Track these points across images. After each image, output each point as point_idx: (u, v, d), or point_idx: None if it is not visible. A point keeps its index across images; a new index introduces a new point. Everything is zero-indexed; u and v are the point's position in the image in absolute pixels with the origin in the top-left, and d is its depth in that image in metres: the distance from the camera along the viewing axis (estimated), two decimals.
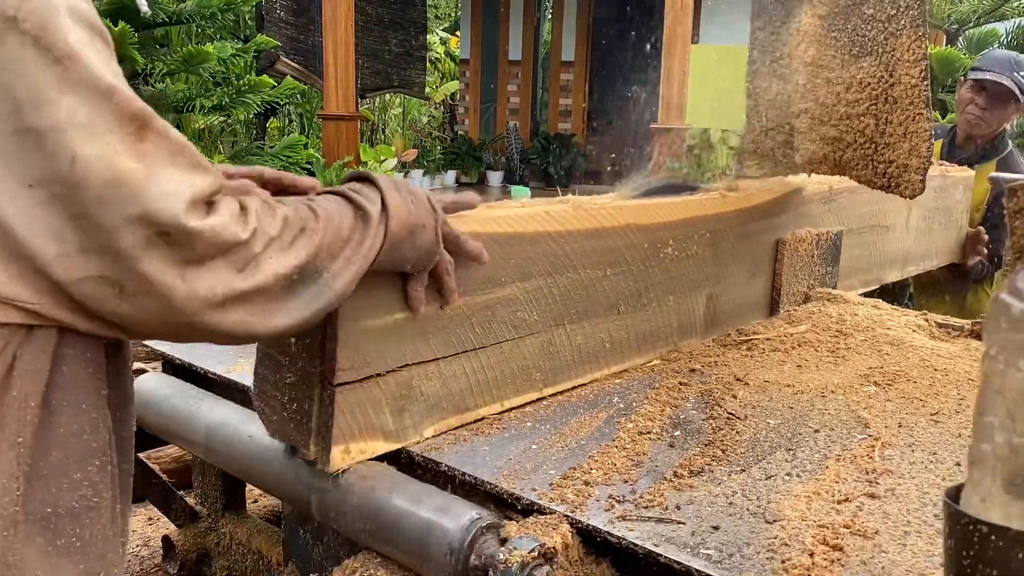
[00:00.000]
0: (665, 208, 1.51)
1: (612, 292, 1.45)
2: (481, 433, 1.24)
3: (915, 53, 1.72)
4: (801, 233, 1.92)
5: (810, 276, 1.97)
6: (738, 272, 1.73)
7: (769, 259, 1.83)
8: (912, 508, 1.03)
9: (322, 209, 0.90)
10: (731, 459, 1.16)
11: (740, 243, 1.71)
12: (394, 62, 10.35)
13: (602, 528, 0.98)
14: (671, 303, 1.58)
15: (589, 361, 1.44)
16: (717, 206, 1.63)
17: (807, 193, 1.92)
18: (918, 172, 1.77)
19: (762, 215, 1.76)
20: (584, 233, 1.37)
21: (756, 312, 1.86)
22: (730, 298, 1.72)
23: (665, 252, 1.52)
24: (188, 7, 5.40)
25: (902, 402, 1.39)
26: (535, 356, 1.34)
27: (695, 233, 1.58)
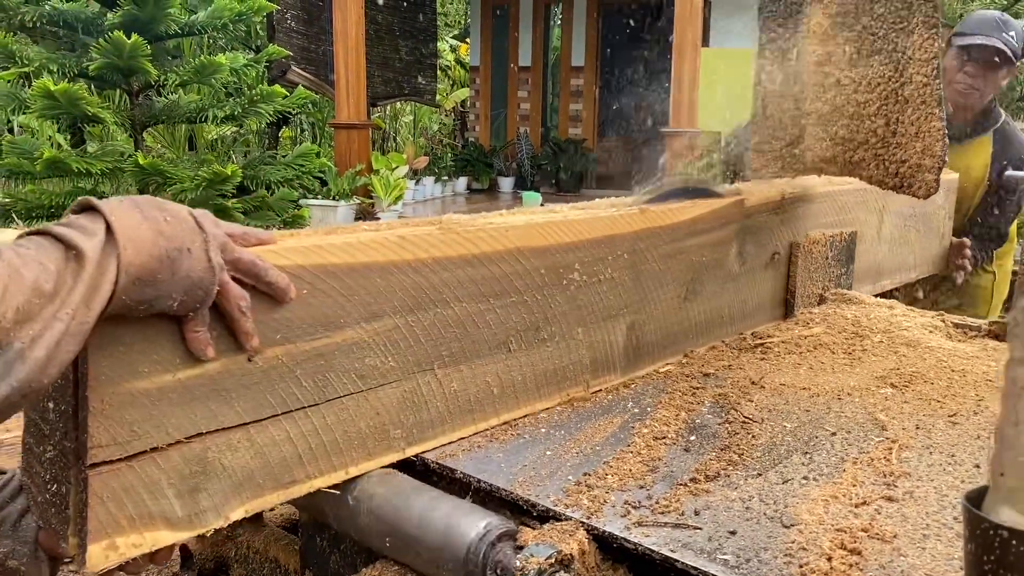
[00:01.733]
0: (568, 227, 1.32)
1: (500, 327, 1.24)
2: (496, 440, 1.24)
3: (927, 52, 1.71)
4: (815, 235, 1.91)
5: (824, 277, 1.96)
6: (667, 297, 1.53)
7: (705, 278, 1.62)
8: (931, 511, 1.02)
9: (4, 261, 0.71)
10: (747, 463, 1.16)
11: (667, 264, 1.51)
12: (405, 70, 10.40)
13: (618, 534, 0.97)
14: (580, 336, 1.37)
15: (470, 410, 1.23)
16: (635, 223, 1.43)
17: (750, 204, 1.69)
18: (932, 172, 1.76)
19: (693, 231, 1.56)
20: (458, 260, 1.17)
21: (725, 328, 1.71)
22: (658, 326, 1.53)
23: (570, 278, 1.33)
24: (200, 18, 5.45)
25: (919, 404, 1.38)
26: (393, 410, 1.13)
27: (609, 255, 1.39)
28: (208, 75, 5.32)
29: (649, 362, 1.53)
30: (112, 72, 5.12)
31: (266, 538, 1.70)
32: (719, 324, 1.69)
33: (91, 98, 5.05)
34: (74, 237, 0.75)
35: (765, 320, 1.81)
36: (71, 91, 4.81)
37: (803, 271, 1.88)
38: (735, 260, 1.68)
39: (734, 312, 1.72)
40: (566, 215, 1.35)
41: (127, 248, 0.77)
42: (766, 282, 1.80)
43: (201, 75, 5.31)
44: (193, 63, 5.30)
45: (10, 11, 5.19)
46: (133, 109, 5.49)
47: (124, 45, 4.75)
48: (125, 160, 5.20)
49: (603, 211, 1.41)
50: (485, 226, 1.22)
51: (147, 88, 5.49)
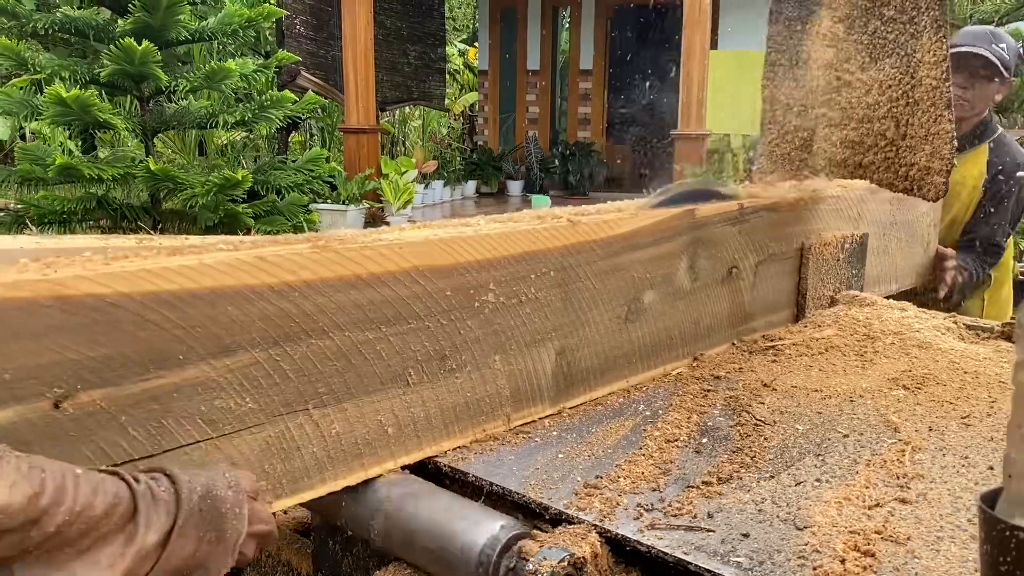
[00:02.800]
0: (480, 243, 1.18)
1: (395, 358, 1.10)
2: (507, 443, 1.24)
3: (936, 55, 1.71)
4: (827, 236, 1.91)
5: (836, 279, 1.96)
6: (604, 318, 1.40)
7: (650, 297, 1.48)
8: (945, 513, 1.02)
9: (90, 481, 0.74)
10: (760, 466, 1.16)
11: (604, 281, 1.38)
12: (413, 75, 10.43)
13: (631, 537, 0.97)
14: (498, 364, 1.23)
15: (358, 454, 1.09)
16: (563, 237, 1.30)
17: (702, 215, 1.56)
18: (940, 174, 1.76)
19: (633, 245, 1.42)
20: (337, 283, 1.02)
21: (682, 348, 1.58)
22: (595, 351, 1.39)
23: (484, 299, 1.19)
24: (210, 25, 5.48)
25: (932, 405, 1.38)
26: (254, 459, 0.98)
27: (531, 273, 1.25)
28: (218, 81, 5.35)
29: (585, 390, 1.39)
30: (123, 78, 5.16)
31: (279, 541, 1.70)
32: (668, 346, 1.54)
33: (102, 104, 5.08)
34: (141, 520, 0.77)
35: (722, 341, 1.67)
36: (83, 97, 4.84)
37: (814, 273, 1.87)
38: (685, 276, 1.54)
39: (686, 333, 1.57)
40: (479, 229, 1.20)
41: (169, 557, 0.79)
42: (723, 299, 1.65)
43: (211, 81, 5.34)
44: (203, 69, 5.33)
45: (22, 18, 5.24)
46: (144, 115, 5.52)
47: (135, 51, 4.78)
48: (136, 166, 5.23)
49: (525, 224, 1.26)
50: (374, 243, 1.06)
51: (158, 94, 5.52)
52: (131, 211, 5.53)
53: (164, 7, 4.99)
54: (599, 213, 1.40)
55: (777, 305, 1.82)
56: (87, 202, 5.33)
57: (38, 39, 5.72)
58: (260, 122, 5.82)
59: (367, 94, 7.90)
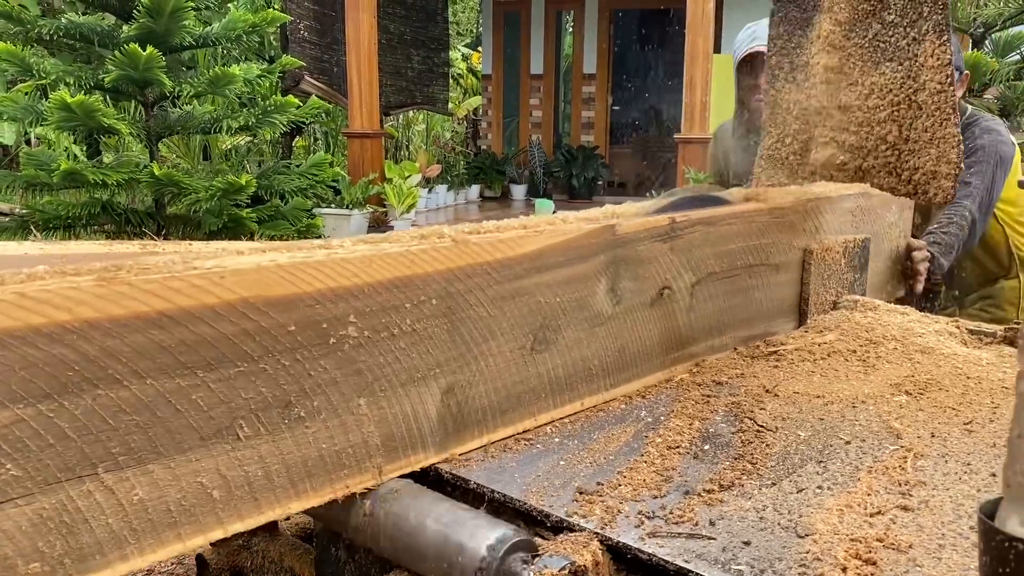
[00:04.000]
0: (334, 269, 1.02)
1: (219, 408, 0.93)
2: (509, 449, 1.24)
3: (939, 58, 1.71)
4: (828, 241, 1.91)
5: (838, 284, 1.96)
6: (503, 349, 1.24)
7: (562, 323, 1.33)
8: (947, 520, 1.01)
9: None
10: (761, 473, 1.16)
11: (502, 308, 1.23)
12: (417, 79, 10.44)
13: (632, 545, 0.97)
14: (363, 409, 1.07)
15: (172, 523, 0.91)
16: (447, 259, 1.15)
17: (624, 231, 1.41)
18: (948, 178, 1.75)
19: (538, 266, 1.27)
20: (134, 321, 0.86)
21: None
22: (493, 386, 1.24)
23: (343, 334, 1.03)
24: (214, 30, 5.50)
25: (934, 411, 1.38)
26: (21, 538, 0.82)
27: (406, 301, 1.10)
28: (222, 86, 5.37)
29: (481, 432, 1.24)
30: (127, 84, 5.18)
31: (281, 547, 1.71)
32: (586, 378, 1.40)
33: (107, 110, 5.10)
34: None
35: (653, 369, 1.52)
36: (87, 103, 4.86)
37: (816, 278, 1.87)
38: (605, 299, 1.40)
39: (608, 362, 1.43)
40: (332, 253, 1.04)
41: None
42: (652, 323, 1.51)
43: (215, 86, 5.35)
44: (207, 74, 5.35)
45: (27, 24, 5.26)
46: (148, 120, 5.54)
47: (139, 57, 4.80)
48: (140, 171, 5.25)
49: (396, 246, 1.10)
50: (185, 273, 0.89)
51: (162, 99, 5.54)
52: (135, 216, 5.55)
53: (168, 13, 5.00)
54: (498, 231, 1.23)
55: (720, 328, 1.66)
56: (91, 207, 5.35)
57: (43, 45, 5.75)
58: (264, 127, 5.83)
59: (371, 99, 7.92)
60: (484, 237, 1.20)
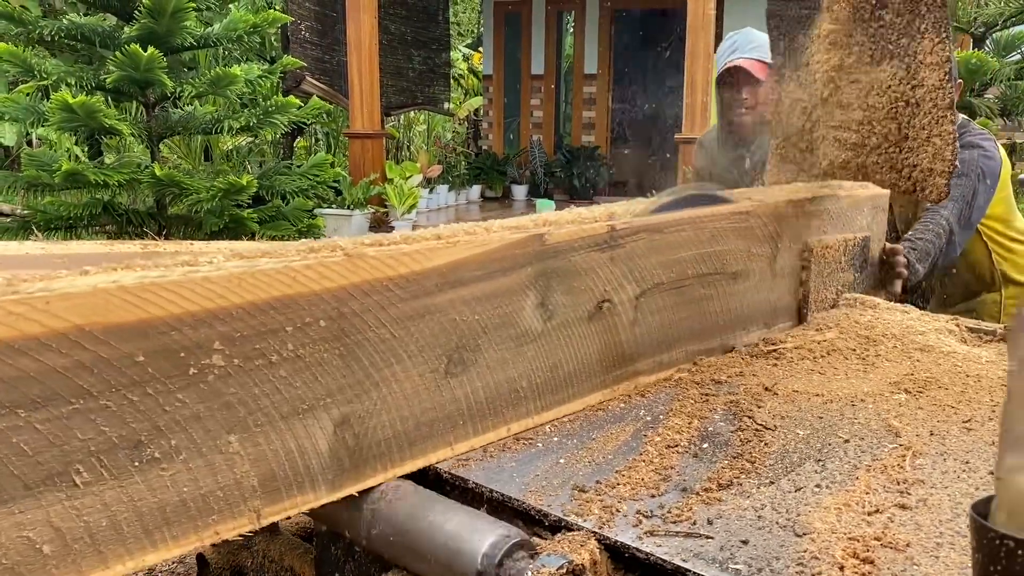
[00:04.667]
0: (193, 290, 0.90)
1: (50, 451, 0.82)
2: (508, 449, 1.24)
3: (938, 56, 1.71)
4: (828, 239, 1.91)
5: (838, 282, 1.96)
6: (411, 374, 1.13)
7: (483, 343, 1.22)
8: (945, 519, 1.01)
9: None
10: (760, 471, 1.16)
11: (408, 329, 1.12)
12: (418, 80, 10.45)
13: (630, 544, 0.97)
14: (235, 446, 0.96)
15: None
16: (338, 276, 1.03)
17: (556, 241, 1.30)
18: (943, 176, 1.75)
19: (452, 281, 1.16)
20: None
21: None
22: (399, 415, 1.13)
23: (207, 364, 0.92)
24: (215, 31, 5.51)
25: (933, 410, 1.38)
26: None
27: (287, 324, 0.99)
28: (223, 86, 5.37)
29: (385, 466, 1.13)
30: (129, 84, 5.18)
31: (281, 546, 1.71)
32: (513, 401, 1.29)
33: (108, 110, 5.10)
34: None
35: (593, 388, 1.42)
36: (88, 104, 4.87)
37: (816, 276, 1.87)
38: (534, 315, 1.29)
39: (539, 382, 1.32)
40: (192, 272, 0.91)
41: None
42: (590, 339, 1.40)
43: (216, 87, 5.36)
44: (208, 75, 5.35)
45: (29, 25, 5.27)
46: (149, 121, 5.55)
47: (140, 58, 4.81)
48: (142, 171, 5.25)
49: (274, 261, 0.98)
50: (1, 299, 0.78)
51: (163, 100, 5.55)
52: (137, 216, 5.55)
53: (170, 13, 5.01)
54: (405, 242, 1.13)
55: (669, 342, 1.55)
56: (93, 208, 5.36)
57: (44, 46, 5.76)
58: (265, 127, 5.84)
59: (372, 99, 7.92)
60: (384, 250, 1.08)
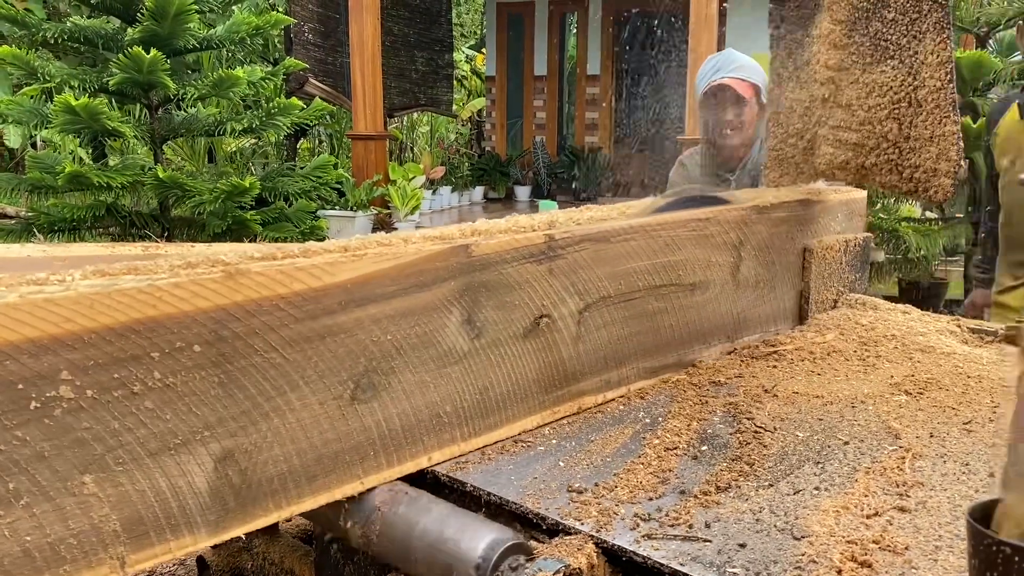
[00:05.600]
0: (33, 313, 0.82)
1: None
2: (506, 452, 1.24)
3: (939, 56, 1.70)
4: (828, 240, 1.90)
5: (839, 283, 1.95)
6: (310, 401, 1.03)
7: (397, 365, 1.12)
8: (944, 522, 1.01)
9: None
10: (758, 474, 1.15)
11: (305, 351, 1.02)
12: (421, 81, 10.45)
13: (628, 548, 0.97)
14: (90, 487, 0.86)
15: None
16: (215, 295, 0.94)
17: (483, 252, 1.20)
18: (948, 176, 1.74)
19: (360, 298, 1.06)
20: None
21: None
22: (295, 448, 1.03)
23: (52, 396, 0.83)
24: (218, 33, 5.51)
25: (934, 411, 1.37)
26: None
27: (152, 350, 0.89)
28: (226, 88, 5.37)
29: (279, 503, 1.02)
30: (132, 87, 5.19)
31: (281, 549, 1.71)
32: (434, 428, 1.18)
33: (111, 112, 5.11)
34: None
35: (531, 411, 1.32)
36: (92, 106, 4.87)
37: (817, 277, 1.86)
38: (459, 333, 1.19)
39: (466, 407, 1.22)
40: (31, 293, 0.82)
41: None
42: (527, 358, 1.29)
43: (219, 89, 5.36)
44: (211, 77, 5.35)
45: (32, 28, 5.28)
46: (153, 123, 5.55)
47: (144, 60, 4.81)
48: (145, 173, 5.26)
49: (137, 280, 0.88)
50: None
51: (166, 102, 5.55)
52: (140, 218, 5.56)
53: (172, 16, 5.01)
54: (303, 255, 1.03)
55: (619, 359, 1.45)
56: (96, 210, 5.36)
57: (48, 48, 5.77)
58: (268, 129, 5.84)
59: (375, 101, 7.92)
60: (273, 265, 0.98)
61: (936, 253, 5.07)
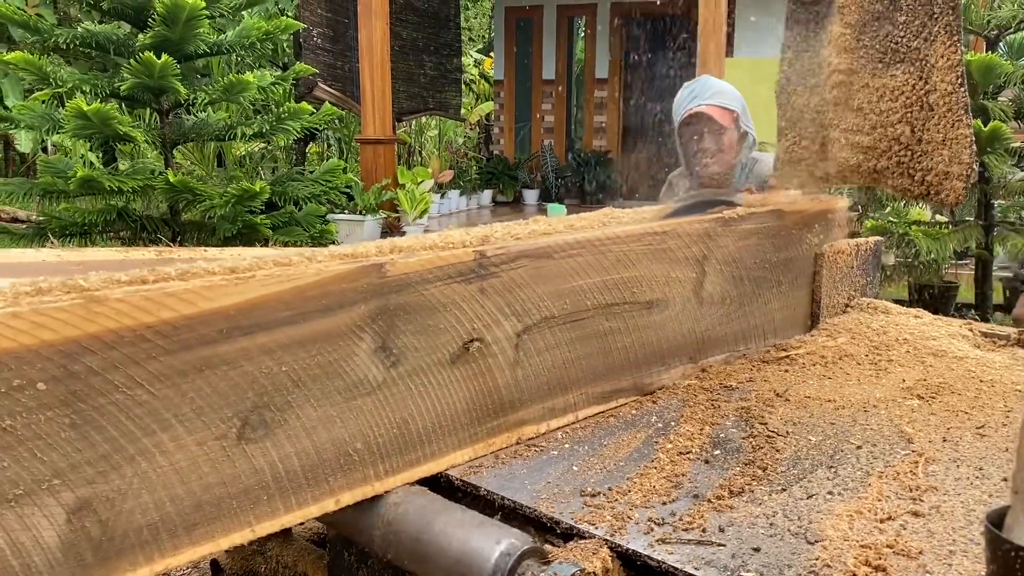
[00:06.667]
0: None
1: None
2: (519, 456, 1.24)
3: (950, 60, 1.70)
4: (839, 244, 1.90)
5: (850, 287, 1.95)
6: (188, 441, 0.93)
7: (295, 399, 1.01)
8: (958, 526, 1.01)
9: None
10: (771, 478, 1.15)
11: (181, 387, 0.91)
12: (429, 85, 10.47)
13: (642, 552, 0.97)
14: None
15: None
16: (69, 324, 0.84)
17: (399, 272, 1.10)
18: (960, 179, 1.74)
19: (247, 326, 0.96)
20: None
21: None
22: (170, 494, 0.92)
23: None
24: (228, 38, 5.53)
25: (946, 415, 1.37)
26: None
27: None
28: (236, 93, 5.40)
29: (151, 556, 0.91)
30: (143, 92, 5.22)
31: (295, 552, 1.71)
32: (344, 467, 1.08)
33: (122, 117, 5.14)
34: None
35: (462, 444, 1.22)
36: (103, 111, 4.90)
37: (828, 281, 1.86)
38: (372, 361, 1.09)
39: (381, 442, 1.11)
40: None
41: None
42: (455, 386, 1.19)
43: (229, 93, 5.38)
44: (222, 82, 5.38)
45: (44, 33, 5.31)
46: (163, 127, 5.58)
47: (154, 65, 4.83)
48: (156, 178, 5.28)
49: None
50: None
51: (177, 107, 5.58)
52: (151, 223, 5.59)
53: (183, 21, 5.04)
54: (181, 278, 0.93)
55: (565, 384, 1.35)
56: (108, 214, 5.39)
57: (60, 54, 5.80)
58: (278, 134, 5.85)
59: (384, 105, 7.94)
60: (138, 291, 0.87)
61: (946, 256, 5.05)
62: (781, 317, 1.77)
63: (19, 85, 7.70)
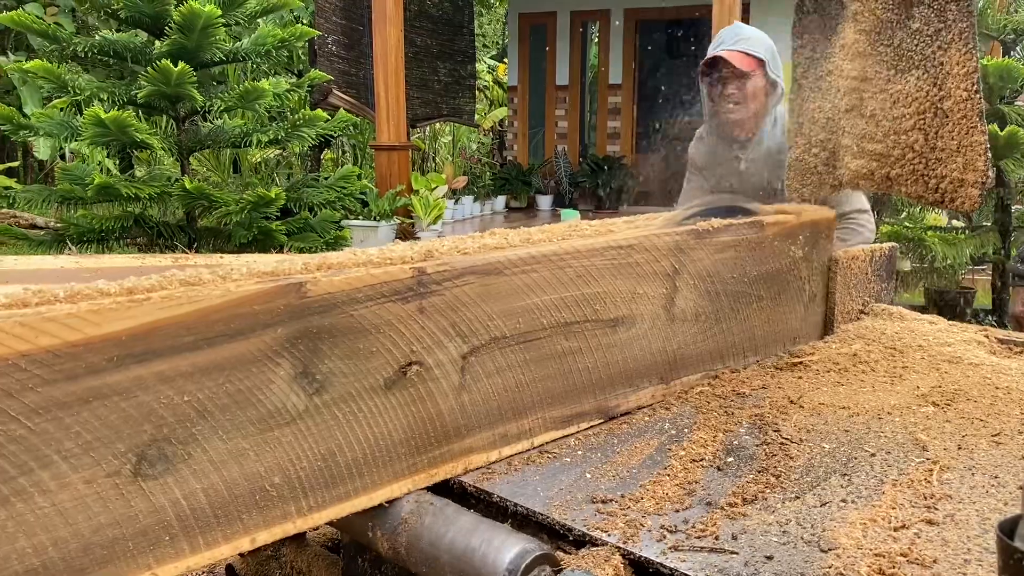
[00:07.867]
0: None
1: None
2: (532, 462, 1.25)
3: (965, 66, 1.70)
4: (854, 250, 1.89)
5: (864, 293, 1.94)
6: (77, 479, 0.85)
7: (201, 433, 0.93)
8: (972, 535, 1.00)
9: None
10: (785, 486, 1.15)
11: (67, 419, 0.84)
12: (444, 91, 10.51)
13: (654, 559, 0.98)
14: None
15: None
16: None
17: (326, 291, 1.02)
18: (975, 186, 1.73)
19: (142, 353, 0.88)
20: None
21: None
22: (60, 535, 0.84)
23: None
24: (244, 45, 5.58)
25: (962, 423, 1.36)
26: None
27: None
28: (252, 100, 5.43)
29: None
30: (160, 99, 5.26)
31: (309, 558, 1.72)
32: (260, 504, 0.99)
33: (139, 125, 5.18)
34: None
35: (397, 476, 1.13)
36: (120, 118, 4.95)
37: (842, 287, 1.86)
38: (291, 389, 1.01)
39: (303, 476, 1.03)
40: None
41: None
42: (390, 415, 1.11)
43: (245, 100, 5.42)
44: (237, 89, 5.42)
45: (63, 42, 5.37)
46: (180, 134, 5.63)
47: (171, 73, 4.88)
48: (172, 184, 5.32)
49: None
50: None
51: (193, 114, 5.62)
52: (167, 229, 5.63)
53: (200, 29, 5.08)
54: (70, 300, 0.87)
55: (519, 409, 1.27)
56: (125, 220, 5.44)
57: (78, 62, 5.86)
58: (293, 140, 5.89)
59: (398, 111, 7.97)
60: (14, 316, 0.80)
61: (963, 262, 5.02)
62: (763, 333, 1.69)
63: (38, 93, 7.78)
